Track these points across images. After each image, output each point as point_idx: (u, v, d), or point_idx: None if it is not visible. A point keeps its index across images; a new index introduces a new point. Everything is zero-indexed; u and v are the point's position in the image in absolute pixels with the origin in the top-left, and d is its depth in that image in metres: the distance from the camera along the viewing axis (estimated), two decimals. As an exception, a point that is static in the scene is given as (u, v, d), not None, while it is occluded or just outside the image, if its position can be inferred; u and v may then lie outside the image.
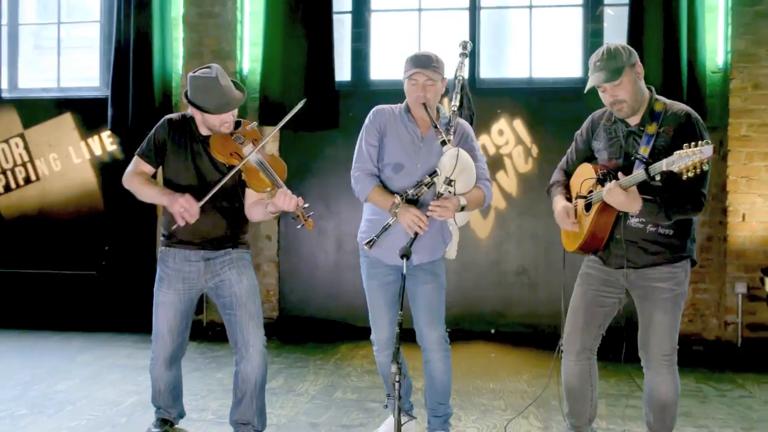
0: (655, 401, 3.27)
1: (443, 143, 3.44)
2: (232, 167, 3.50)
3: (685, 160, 2.76)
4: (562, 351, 3.46)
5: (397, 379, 2.99)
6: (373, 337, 3.78)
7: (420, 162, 3.56)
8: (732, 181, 6.24)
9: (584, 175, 3.36)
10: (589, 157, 3.49)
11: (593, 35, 6.87)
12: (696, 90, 6.33)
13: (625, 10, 6.60)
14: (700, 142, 2.76)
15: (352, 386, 4.98)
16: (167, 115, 3.72)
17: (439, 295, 3.62)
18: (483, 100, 6.88)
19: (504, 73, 7.12)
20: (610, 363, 5.32)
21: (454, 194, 3.44)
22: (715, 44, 6.47)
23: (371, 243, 3.50)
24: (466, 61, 3.79)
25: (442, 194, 3.40)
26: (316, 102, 6.88)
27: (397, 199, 3.46)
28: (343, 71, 7.15)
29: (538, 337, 6.67)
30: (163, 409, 3.87)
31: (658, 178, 2.93)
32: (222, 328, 6.65)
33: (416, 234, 3.41)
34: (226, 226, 3.64)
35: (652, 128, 3.16)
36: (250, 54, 7.13)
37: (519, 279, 6.94)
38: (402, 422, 3.07)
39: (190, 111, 3.62)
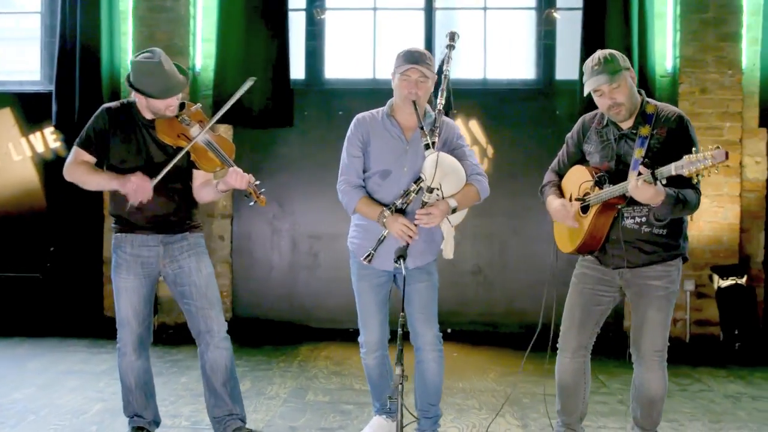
0: (644, 396, 3.34)
1: (427, 146, 3.42)
2: (180, 149, 3.45)
3: (696, 164, 2.82)
4: (557, 349, 3.49)
5: (400, 381, 2.97)
6: (361, 339, 3.74)
7: (407, 165, 3.54)
8: (680, 182, 6.46)
9: (579, 177, 3.40)
10: (580, 160, 3.54)
11: (546, 37, 7.00)
12: (647, 93, 6.50)
13: (577, 14, 6.76)
14: (710, 147, 2.83)
15: (322, 388, 4.92)
16: (105, 104, 3.64)
17: (433, 294, 3.62)
18: (441, 100, 6.93)
19: (459, 74, 7.16)
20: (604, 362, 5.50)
21: (443, 197, 3.42)
22: (664, 50, 6.69)
23: (369, 257, 3.48)
24: (453, 54, 3.72)
25: (426, 203, 3.39)
26: (270, 100, 6.80)
27: (387, 211, 3.44)
28: (296, 69, 7.07)
29: (494, 336, 6.76)
30: (136, 416, 3.70)
31: (664, 182, 2.99)
32: (174, 331, 6.51)
33: (408, 243, 3.40)
34: (177, 208, 3.58)
35: (645, 130, 3.22)
36: (202, 50, 6.96)
37: (474, 278, 7.02)
38: (403, 425, 3.04)
39: (133, 96, 3.55)
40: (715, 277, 6.19)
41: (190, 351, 6.04)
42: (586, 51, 6.57)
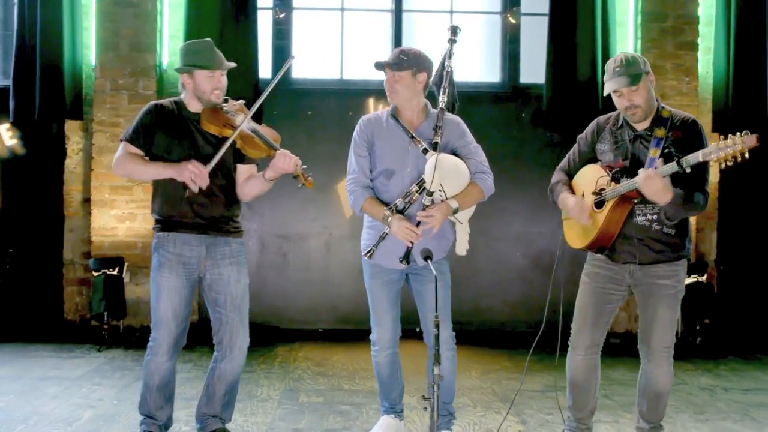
0: (652, 391, 3.49)
1: (425, 151, 3.50)
2: (225, 138, 3.45)
3: (725, 150, 2.97)
4: (568, 346, 3.60)
5: (435, 381, 3.00)
6: (374, 337, 3.77)
7: (410, 165, 3.59)
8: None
9: (593, 175, 3.51)
10: (591, 159, 3.65)
11: (511, 42, 7.16)
12: (609, 98, 6.76)
13: (540, 20, 6.96)
14: (738, 133, 2.98)
15: (313, 390, 4.93)
16: (153, 102, 3.65)
17: (445, 294, 3.67)
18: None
19: (427, 76, 7.23)
20: (547, 357, 5.65)
21: (445, 198, 3.48)
22: (625, 56, 6.93)
23: (370, 253, 3.56)
24: (455, 48, 3.74)
25: (427, 205, 3.45)
26: (240, 98, 6.71)
27: (387, 211, 3.50)
28: (264, 68, 7.00)
29: (463, 334, 6.84)
30: (150, 417, 3.62)
31: (688, 170, 3.13)
32: (141, 333, 6.37)
33: (412, 243, 3.45)
34: (223, 205, 3.57)
35: (660, 132, 3.35)
36: (169, 47, 6.83)
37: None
38: (437, 425, 3.07)
39: (182, 83, 3.57)
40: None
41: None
42: (553, 56, 6.79)
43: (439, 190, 3.47)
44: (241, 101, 3.65)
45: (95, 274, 6.23)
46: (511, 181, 6.61)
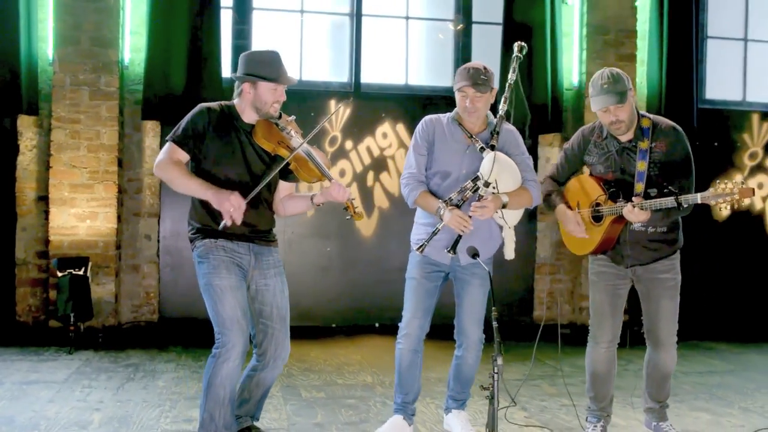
0: (660, 373, 3.88)
1: (482, 149, 3.72)
2: (277, 156, 3.45)
3: (724, 197, 3.34)
4: (588, 341, 3.92)
5: (496, 371, 3.20)
6: (403, 324, 3.92)
7: (465, 168, 3.79)
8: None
9: (590, 188, 3.84)
10: (578, 169, 3.99)
11: (463, 49, 7.48)
12: (556, 104, 7.24)
13: (492, 28, 7.33)
14: (734, 183, 3.35)
15: (309, 385, 5.05)
16: (204, 104, 3.52)
17: (482, 296, 3.88)
18: (367, 104, 7.21)
19: (384, 80, 7.44)
20: (513, 347, 6.01)
21: (497, 193, 3.71)
22: (571, 65, 7.41)
23: (422, 248, 3.72)
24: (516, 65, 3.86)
25: (482, 196, 3.67)
26: (201, 97, 6.68)
27: (442, 203, 3.69)
28: (224, 68, 7.00)
29: (434, 328, 7.12)
30: None
31: (685, 206, 3.50)
32: (104, 334, 6.27)
33: (462, 233, 3.67)
34: (268, 217, 3.58)
35: (644, 144, 3.69)
36: (130, 43, 6.72)
37: (401, 275, 7.30)
38: (497, 411, 3.29)
39: (240, 91, 3.48)
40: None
41: (138, 353, 5.91)
42: (504, 63, 7.15)
43: (493, 184, 3.66)
44: (293, 117, 3.63)
45: (60, 274, 6.06)
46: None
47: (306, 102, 7.07)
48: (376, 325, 7.23)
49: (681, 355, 4.00)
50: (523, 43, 3.88)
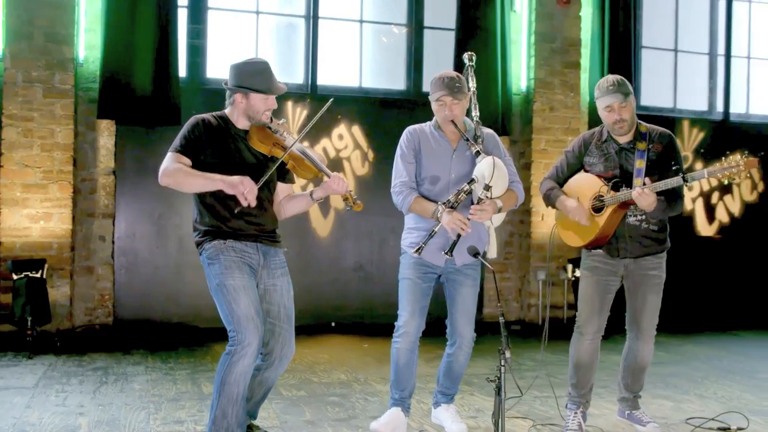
0: (638, 365, 4.14)
1: (477, 153, 3.87)
2: (274, 158, 3.53)
3: (727, 170, 3.62)
4: (574, 332, 4.14)
5: (503, 363, 3.37)
6: (401, 323, 4.03)
7: (453, 172, 3.95)
8: (534, 187, 7.49)
9: (590, 183, 4.06)
10: (578, 170, 4.21)
11: (415, 53, 7.66)
12: (507, 108, 7.51)
13: (444, 33, 7.54)
14: (740, 156, 3.64)
15: (287, 384, 5.10)
16: (197, 116, 3.56)
17: (474, 296, 4.05)
18: (323, 106, 7.25)
19: (339, 82, 7.53)
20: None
21: (491, 198, 3.88)
22: (519, 71, 7.70)
23: (419, 250, 3.84)
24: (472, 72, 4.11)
25: (481, 199, 3.84)
26: (158, 96, 6.63)
27: (440, 206, 3.83)
28: (180, 66, 6.94)
29: (376, 327, 7.26)
30: None
31: (690, 183, 3.77)
32: (59, 338, 6.14)
33: (459, 235, 3.82)
34: (271, 218, 3.65)
35: (642, 145, 3.98)
36: (85, 41, 6.58)
37: (356, 274, 7.47)
38: (505, 400, 3.45)
39: (233, 101, 3.55)
40: (570, 267, 7.31)
41: (101, 356, 5.81)
42: (457, 67, 7.36)
43: (488, 188, 3.80)
44: (283, 120, 3.71)
45: (15, 276, 5.89)
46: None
47: (262, 103, 7.08)
48: (333, 324, 7.31)
49: (608, 349, 4.20)
50: (472, 53, 4.13)
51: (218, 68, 7.14)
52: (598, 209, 4.03)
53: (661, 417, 4.40)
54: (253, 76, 3.50)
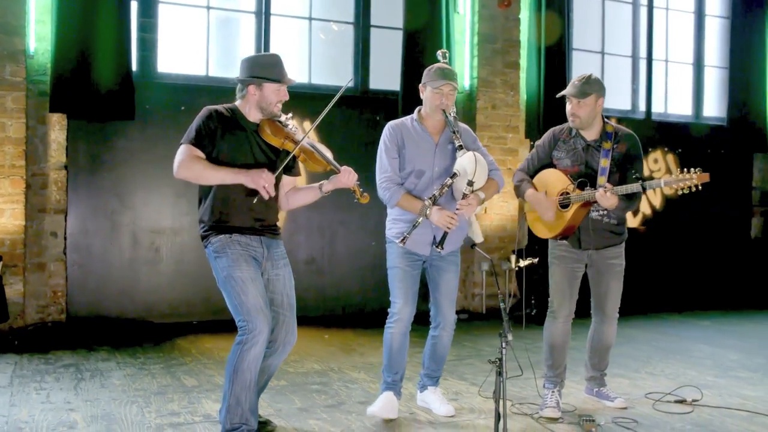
0: (603, 345, 4.53)
1: (460, 147, 4.09)
2: (285, 151, 3.67)
3: (681, 182, 3.99)
4: (547, 317, 4.46)
5: (504, 345, 3.62)
6: (395, 310, 4.21)
7: (437, 165, 4.19)
8: (478, 182, 7.83)
9: (557, 179, 4.38)
10: (547, 164, 4.52)
11: (363, 51, 7.84)
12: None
13: (392, 32, 7.76)
14: (693, 169, 4.02)
15: (265, 375, 5.21)
16: (209, 107, 3.67)
17: (456, 281, 4.32)
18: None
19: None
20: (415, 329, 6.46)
21: (474, 192, 4.13)
22: (463, 70, 8.01)
23: (404, 240, 4.06)
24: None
25: (466, 195, 4.08)
26: (112, 90, 6.55)
27: (428, 201, 4.06)
28: (131, 60, 6.87)
29: (332, 319, 7.44)
30: (245, 425, 3.55)
31: (649, 189, 4.14)
32: (16, 337, 6.02)
33: (449, 229, 4.06)
34: (275, 211, 3.80)
35: (607, 145, 4.33)
36: (35, 32, 6.43)
37: (308, 267, 7.60)
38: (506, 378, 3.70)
39: (245, 93, 3.67)
40: (513, 258, 7.69)
41: (66, 354, 5.74)
42: (405, 65, 7.60)
43: (471, 184, 4.04)
44: (290, 114, 3.84)
45: (-30, 274, 5.73)
46: (369, 177, 7.29)
47: (216, 97, 6.99)
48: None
49: (575, 332, 4.57)
50: (446, 51, 4.41)
51: (169, 63, 7.10)
52: (564, 205, 4.35)
53: (622, 393, 4.77)
54: (266, 67, 3.66)
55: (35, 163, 6.50)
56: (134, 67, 6.87)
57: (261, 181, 3.49)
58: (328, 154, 3.80)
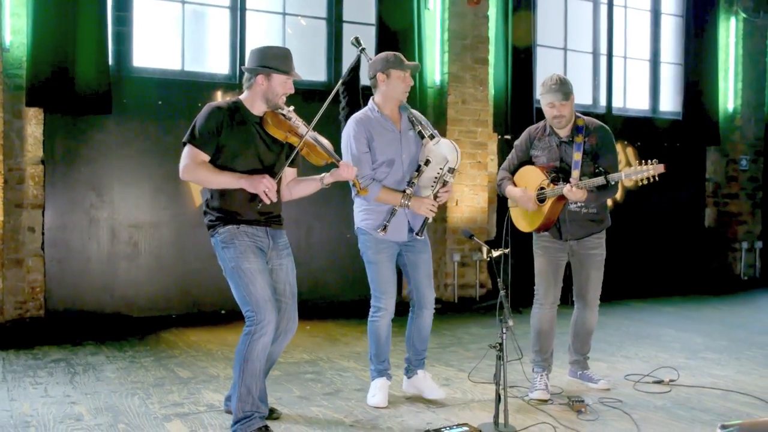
0: (585, 331, 4.76)
1: (422, 136, 4.29)
2: (290, 145, 3.78)
3: (640, 173, 4.22)
4: (534, 304, 4.67)
5: (505, 330, 3.82)
6: (379, 304, 4.35)
7: (404, 153, 4.36)
8: (449, 175, 8.02)
9: (535, 175, 4.58)
10: (526, 161, 4.72)
11: (336, 46, 7.93)
12: (422, 100, 7.98)
13: (366, 28, 7.89)
14: (650, 161, 4.25)
15: (256, 366, 5.30)
16: (212, 103, 3.77)
17: (431, 260, 4.51)
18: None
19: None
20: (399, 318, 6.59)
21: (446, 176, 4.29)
22: (434, 66, 8.18)
23: (385, 228, 4.23)
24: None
25: (446, 182, 4.27)
26: (89, 85, 6.53)
27: (409, 190, 4.24)
28: (108, 54, 6.83)
29: (310, 310, 7.50)
30: (257, 412, 3.66)
31: (612, 183, 4.36)
32: (5, 330, 5.99)
33: (428, 217, 4.27)
34: (279, 204, 3.89)
35: (579, 139, 4.54)
36: (11, 26, 6.36)
37: (285, 260, 7.67)
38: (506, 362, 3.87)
39: (253, 83, 3.75)
40: (485, 249, 7.88)
41: (52, 349, 5.74)
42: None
43: (452, 171, 4.25)
44: (292, 107, 3.94)
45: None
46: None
47: (193, 92, 7.13)
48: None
49: (557, 319, 4.79)
50: (357, 36, 4.53)
51: (145, 57, 7.09)
52: (542, 199, 4.56)
53: (603, 375, 5.02)
54: (276, 58, 3.74)
55: (11, 158, 6.44)
56: (110, 61, 6.85)
57: (261, 186, 3.58)
58: (329, 146, 3.91)
